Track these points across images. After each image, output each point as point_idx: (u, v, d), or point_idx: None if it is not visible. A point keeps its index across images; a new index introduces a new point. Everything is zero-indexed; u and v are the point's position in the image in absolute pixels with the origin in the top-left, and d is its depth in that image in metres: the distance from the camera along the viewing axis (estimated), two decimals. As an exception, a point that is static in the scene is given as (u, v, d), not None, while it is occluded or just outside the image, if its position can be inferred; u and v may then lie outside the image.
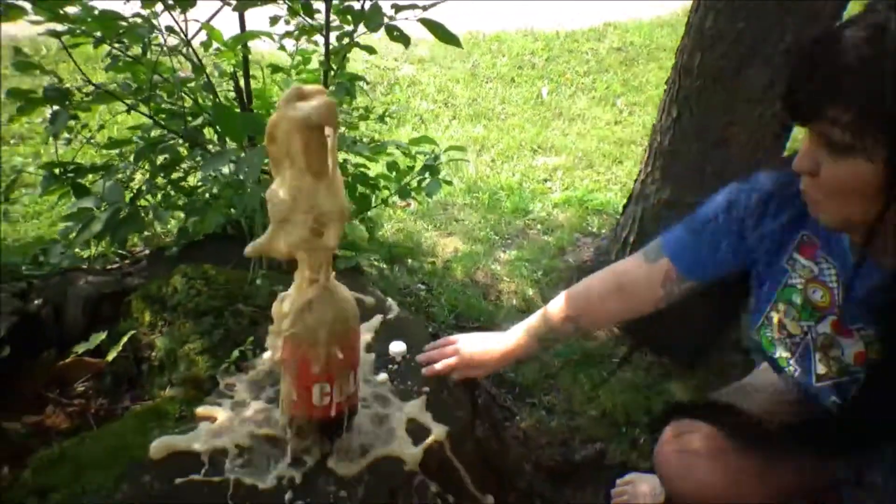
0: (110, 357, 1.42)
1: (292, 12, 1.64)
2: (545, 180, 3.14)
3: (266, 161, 1.49)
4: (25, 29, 1.56)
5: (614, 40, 5.08)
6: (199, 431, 1.15)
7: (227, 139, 1.61)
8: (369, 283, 1.70)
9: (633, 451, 1.72)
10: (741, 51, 1.64)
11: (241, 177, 1.45)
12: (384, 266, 2.05)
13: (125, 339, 1.44)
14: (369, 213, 1.88)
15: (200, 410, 1.22)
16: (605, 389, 1.88)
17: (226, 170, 1.63)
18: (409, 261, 2.26)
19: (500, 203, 2.82)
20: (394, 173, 1.87)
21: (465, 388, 1.38)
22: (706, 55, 1.70)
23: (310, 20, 1.62)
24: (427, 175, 1.86)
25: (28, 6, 1.44)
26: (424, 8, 1.63)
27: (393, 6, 1.65)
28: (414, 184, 1.86)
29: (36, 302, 1.54)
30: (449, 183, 1.96)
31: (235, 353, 1.37)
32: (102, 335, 1.46)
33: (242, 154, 1.43)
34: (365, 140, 1.93)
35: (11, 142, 2.67)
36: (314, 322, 1.09)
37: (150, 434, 1.14)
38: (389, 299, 1.59)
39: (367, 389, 1.31)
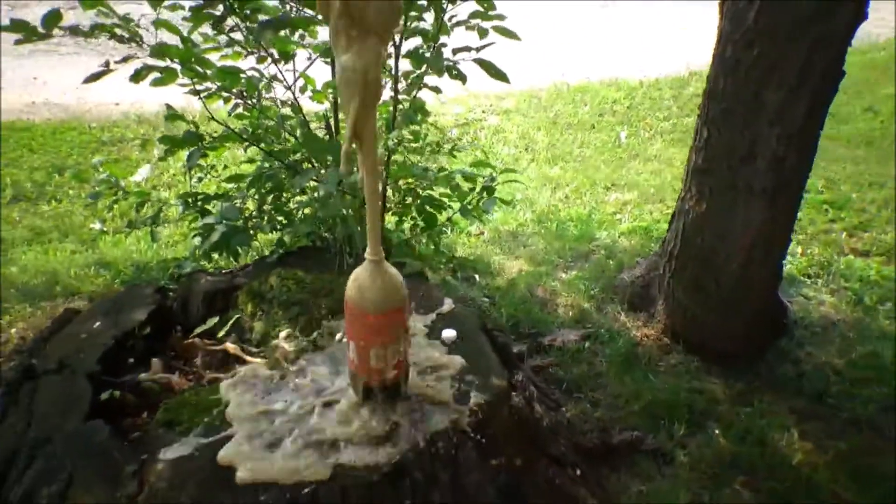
0: (220, 335, 1.80)
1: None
2: (614, 213, 3.33)
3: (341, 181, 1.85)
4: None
5: (698, 87, 5.22)
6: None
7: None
8: (431, 288, 1.99)
9: (670, 441, 1.86)
10: (757, 75, 1.83)
11: (324, 191, 1.81)
12: (448, 277, 2.33)
13: (230, 322, 1.81)
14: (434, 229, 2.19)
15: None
16: (649, 387, 2.04)
17: (314, 192, 2.01)
18: (477, 277, 2.53)
19: (568, 231, 3.04)
20: (456, 193, 2.17)
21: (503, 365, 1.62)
22: (728, 80, 1.91)
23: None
24: (485, 194, 2.15)
25: (178, 68, 1.88)
26: (477, 49, 1.96)
27: (453, 50, 2.00)
28: (474, 203, 2.16)
29: (169, 295, 1.95)
30: (505, 202, 2.23)
31: (315, 334, 1.71)
32: (215, 320, 1.84)
33: (322, 171, 1.79)
34: (434, 167, 2.26)
35: (160, 189, 3.26)
36: (367, 291, 1.39)
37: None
38: (446, 298, 1.88)
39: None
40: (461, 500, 1.42)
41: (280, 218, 2.18)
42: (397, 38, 1.89)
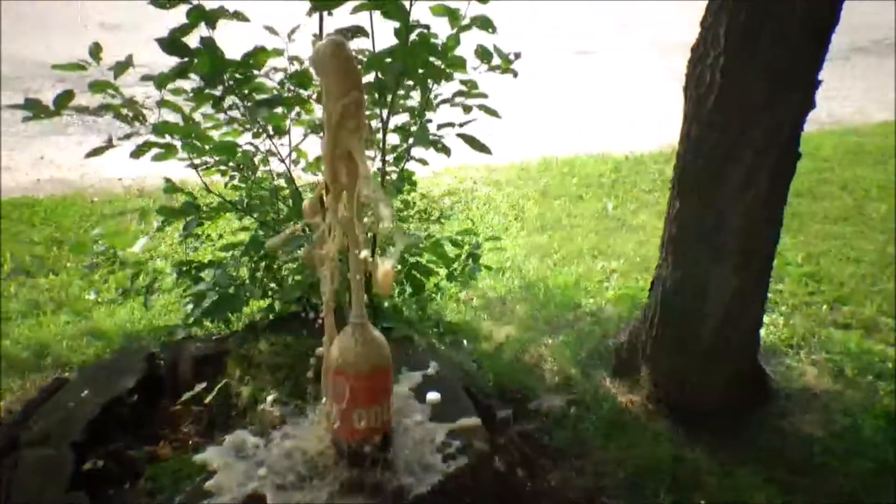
0: (206, 400, 1.83)
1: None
2: (601, 280, 3.40)
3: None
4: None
5: (681, 158, 5.39)
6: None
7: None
8: (417, 351, 2.04)
9: (655, 509, 1.86)
10: (719, 153, 1.97)
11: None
12: (436, 342, 2.38)
13: (218, 387, 1.84)
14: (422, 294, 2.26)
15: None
16: (633, 455, 2.05)
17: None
18: (465, 342, 2.57)
19: (555, 298, 3.10)
20: (442, 260, 2.25)
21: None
22: (694, 157, 2.05)
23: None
24: (470, 261, 2.23)
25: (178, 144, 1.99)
26: (461, 125, 2.09)
27: (438, 125, 2.12)
28: (459, 269, 2.24)
29: (159, 362, 1.99)
30: (489, 268, 2.31)
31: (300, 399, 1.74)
32: (202, 386, 1.88)
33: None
34: (422, 234, 2.35)
35: (157, 258, 3.34)
36: (350, 353, 1.44)
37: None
38: (432, 361, 1.92)
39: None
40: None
41: (272, 285, 2.24)
42: (384, 113, 2.01)
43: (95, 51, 1.85)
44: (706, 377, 2.21)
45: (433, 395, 1.77)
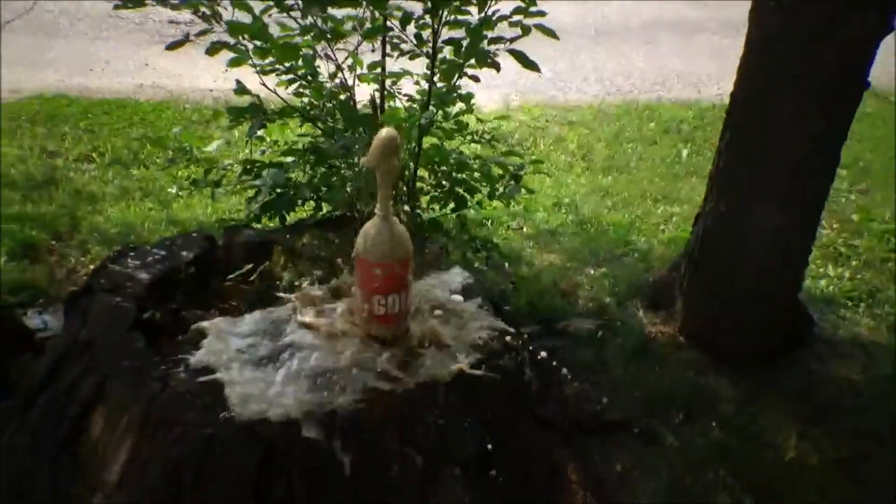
0: (251, 279, 2.01)
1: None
2: (658, 224, 3.37)
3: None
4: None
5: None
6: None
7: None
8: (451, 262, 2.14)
9: (664, 428, 1.91)
10: (777, 79, 1.88)
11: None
12: (474, 259, 2.46)
13: (260, 268, 2.03)
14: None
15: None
16: (653, 377, 2.09)
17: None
18: (506, 265, 2.65)
19: (606, 234, 3.11)
20: (486, 181, 2.31)
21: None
22: (749, 84, 1.96)
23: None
24: (512, 182, 2.28)
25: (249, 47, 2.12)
26: (511, 40, 2.11)
27: (489, 40, 2.15)
28: (501, 188, 2.29)
29: (216, 244, 2.19)
30: (530, 191, 2.36)
31: (334, 280, 1.89)
32: (249, 266, 2.06)
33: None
34: (469, 154, 2.41)
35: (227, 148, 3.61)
36: (374, 245, 1.55)
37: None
38: (465, 272, 2.02)
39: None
40: (440, 445, 1.55)
41: (324, 188, 2.39)
42: (436, 24, 2.06)
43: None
44: (740, 321, 2.18)
45: (456, 298, 1.88)
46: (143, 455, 1.40)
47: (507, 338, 1.84)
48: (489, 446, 1.61)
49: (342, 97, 2.27)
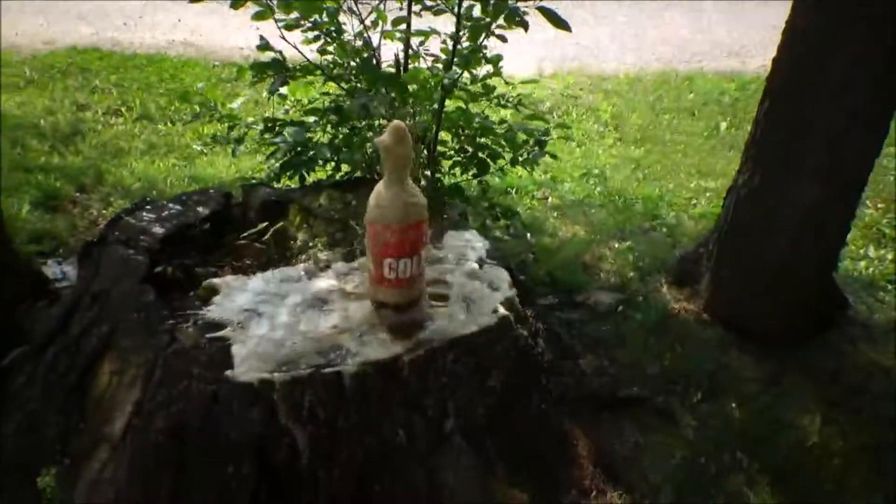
0: (265, 238, 1.99)
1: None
2: (691, 198, 3.25)
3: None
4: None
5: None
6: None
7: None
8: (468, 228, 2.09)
9: (681, 406, 1.86)
10: (821, 42, 1.75)
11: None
12: (496, 228, 2.41)
13: (274, 227, 2.00)
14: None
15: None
16: (673, 354, 2.03)
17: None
18: (528, 235, 2.59)
19: (634, 207, 3.02)
20: (509, 146, 2.24)
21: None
22: (792, 48, 1.84)
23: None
24: (536, 148, 2.21)
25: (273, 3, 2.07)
26: (538, -3, 2.01)
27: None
28: (525, 154, 2.22)
29: (233, 201, 2.17)
30: (554, 156, 2.28)
31: (349, 243, 1.86)
32: (265, 224, 2.04)
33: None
34: (494, 119, 2.33)
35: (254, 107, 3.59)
36: (384, 204, 1.51)
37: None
38: (483, 239, 1.97)
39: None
40: (449, 409, 1.53)
41: (345, 149, 2.34)
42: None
43: None
44: (767, 301, 2.09)
45: (471, 265, 1.83)
46: (147, 409, 1.40)
47: (520, 307, 1.80)
48: (496, 415, 1.58)
49: (365, 55, 2.21)
